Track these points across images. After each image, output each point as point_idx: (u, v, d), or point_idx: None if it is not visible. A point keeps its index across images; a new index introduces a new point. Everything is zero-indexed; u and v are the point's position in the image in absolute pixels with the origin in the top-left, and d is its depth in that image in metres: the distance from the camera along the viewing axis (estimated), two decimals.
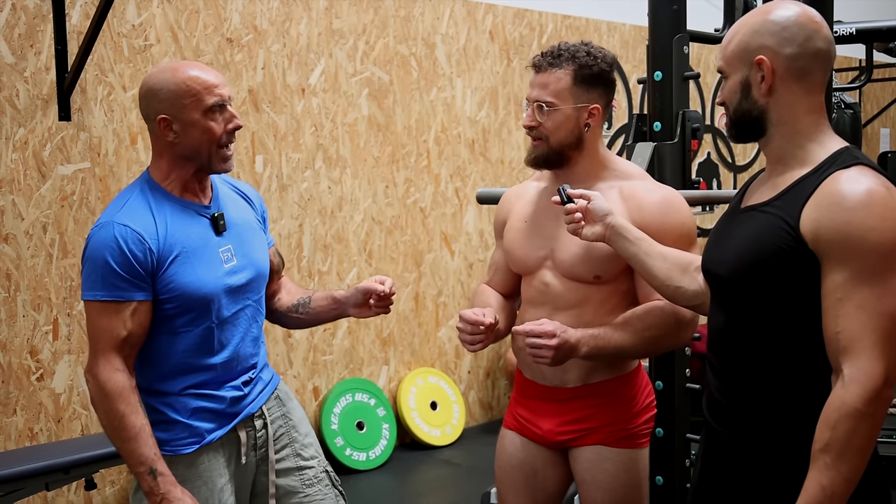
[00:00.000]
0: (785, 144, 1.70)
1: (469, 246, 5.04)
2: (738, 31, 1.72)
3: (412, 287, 4.81)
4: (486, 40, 5.05)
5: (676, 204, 2.15)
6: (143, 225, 2.01)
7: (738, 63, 1.70)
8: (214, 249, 2.10)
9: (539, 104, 2.14)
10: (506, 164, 5.15)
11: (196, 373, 2.09)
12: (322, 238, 4.42)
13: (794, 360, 1.65)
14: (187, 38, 3.88)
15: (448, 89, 4.89)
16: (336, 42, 4.41)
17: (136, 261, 1.99)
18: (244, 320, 2.17)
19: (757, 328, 1.69)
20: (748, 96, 1.70)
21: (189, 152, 2.06)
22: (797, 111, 1.68)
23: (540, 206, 2.26)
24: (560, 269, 2.20)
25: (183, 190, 2.11)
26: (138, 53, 3.75)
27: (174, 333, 2.06)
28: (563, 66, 2.14)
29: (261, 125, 4.16)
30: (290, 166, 4.28)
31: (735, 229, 1.76)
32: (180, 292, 2.03)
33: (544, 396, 2.25)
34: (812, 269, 1.59)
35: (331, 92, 4.40)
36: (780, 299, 1.65)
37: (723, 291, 1.77)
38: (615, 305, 2.18)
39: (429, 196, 4.85)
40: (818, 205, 1.58)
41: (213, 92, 2.04)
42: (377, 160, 4.61)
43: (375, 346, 4.68)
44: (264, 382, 2.24)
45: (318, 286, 4.38)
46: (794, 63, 1.66)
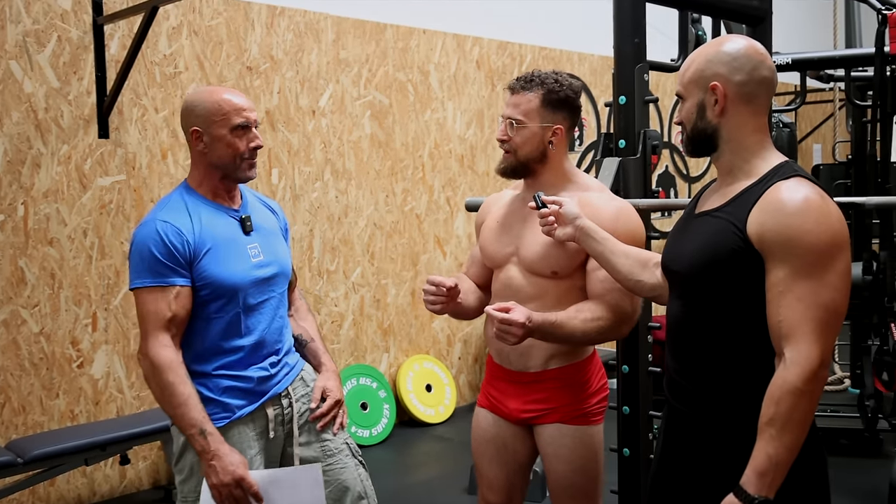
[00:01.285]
0: (734, 158, 1.71)
1: (459, 247, 5.05)
2: (694, 60, 1.72)
3: (409, 284, 4.81)
4: (474, 68, 5.06)
5: (628, 214, 2.15)
6: (181, 221, 2.04)
7: (695, 88, 1.71)
8: (243, 246, 2.12)
9: (510, 121, 2.15)
10: (491, 176, 5.15)
11: (227, 354, 2.09)
12: (330, 241, 4.42)
13: (742, 345, 1.66)
14: (212, 67, 3.87)
15: (440, 111, 4.89)
16: (342, 70, 4.41)
17: (176, 250, 2.01)
18: (269, 309, 2.17)
19: (711, 317, 1.69)
20: (703, 117, 1.71)
21: (216, 161, 2.08)
22: (744, 130, 1.69)
23: (511, 210, 2.27)
24: (523, 265, 2.19)
25: (214, 195, 2.13)
26: (169, 80, 3.74)
27: (208, 319, 2.07)
28: (534, 89, 2.14)
29: (276, 142, 4.15)
30: (302, 178, 4.27)
31: (691, 232, 1.76)
32: (212, 280, 2.04)
33: (510, 379, 2.25)
34: (757, 267, 1.60)
35: (338, 113, 4.40)
36: (730, 292, 1.65)
37: (681, 285, 1.77)
38: (572, 300, 2.17)
39: (424, 204, 4.85)
40: (762, 210, 1.59)
41: (241, 114, 2.07)
42: (378, 173, 4.60)
43: (377, 335, 4.68)
44: (290, 366, 2.23)
45: (326, 283, 4.38)
46: (742, 88, 1.67)
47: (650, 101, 2.84)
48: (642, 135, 2.79)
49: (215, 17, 3.89)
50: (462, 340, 5.11)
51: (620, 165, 2.77)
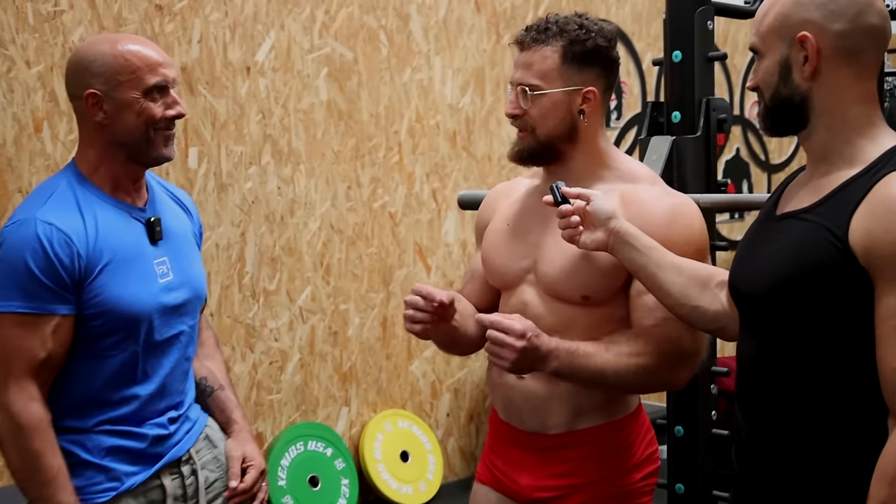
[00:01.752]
0: (830, 139, 1.72)
1: (449, 260, 5.05)
2: (776, 2, 1.74)
3: (379, 310, 4.81)
4: (472, 11, 5.06)
5: (687, 215, 2.16)
6: (70, 224, 2.03)
7: (777, 40, 1.72)
8: (149, 261, 2.13)
9: (523, 88, 2.16)
10: (494, 160, 5.16)
11: (115, 406, 2.10)
12: (269, 249, 4.41)
13: (840, 397, 1.66)
14: (107, 4, 3.87)
15: (425, 70, 4.90)
16: (289, 11, 4.41)
17: (62, 266, 2.00)
18: (177, 348, 2.19)
19: (795, 358, 1.70)
20: (788, 80, 1.72)
21: (122, 137, 2.09)
22: (845, 99, 1.71)
23: (526, 208, 2.28)
24: (543, 286, 2.20)
25: (114, 187, 2.14)
26: (46, 21, 3.74)
27: (97, 357, 2.07)
28: (551, 41, 2.15)
29: (196, 111, 4.15)
30: (232, 162, 4.27)
31: (769, 241, 1.77)
32: (108, 307, 2.05)
33: (521, 443, 2.26)
34: (863, 289, 1.61)
35: (282, 71, 4.40)
36: (823, 325, 1.66)
37: (754, 315, 1.79)
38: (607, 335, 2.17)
39: (400, 199, 4.85)
40: (871, 212, 1.60)
41: (157, 71, 2.09)
42: (338, 155, 4.61)
43: (333, 382, 4.67)
44: (191, 422, 2.26)
45: (263, 308, 4.37)
46: (842, 42, 1.68)
47: (716, 58, 2.87)
48: (705, 105, 2.83)
49: None
50: (452, 390, 5.11)
51: (674, 146, 2.79)
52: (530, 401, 2.21)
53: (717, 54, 2.87)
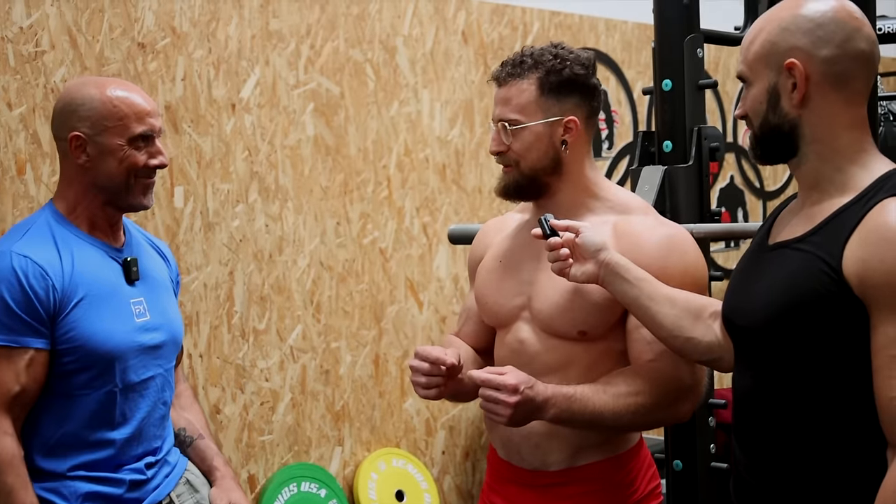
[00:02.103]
0: (821, 166, 1.71)
1: (441, 295, 5.03)
2: (762, 29, 1.74)
3: (371, 348, 4.78)
4: (459, 43, 5.08)
5: (682, 246, 2.15)
6: (46, 258, 2.06)
7: (764, 67, 1.72)
8: (125, 300, 2.15)
9: (503, 123, 2.16)
10: (484, 193, 5.16)
11: (90, 449, 2.10)
12: (258, 288, 4.39)
13: (838, 429, 1.65)
14: (89, 44, 3.87)
15: (412, 103, 4.90)
16: (274, 46, 4.41)
17: (37, 299, 2.02)
18: (153, 391, 2.20)
19: (792, 390, 1.68)
20: (777, 108, 1.72)
21: (102, 181, 2.13)
22: (835, 126, 1.69)
23: (518, 243, 2.27)
24: (539, 322, 2.19)
25: (91, 227, 2.16)
26: (27, 62, 3.73)
27: (69, 396, 2.08)
28: (527, 74, 2.15)
29: (181, 149, 4.14)
30: (218, 200, 4.26)
31: (763, 271, 1.76)
32: (82, 343, 2.06)
33: (522, 481, 2.24)
34: (859, 320, 1.59)
35: (268, 108, 4.39)
36: (819, 355, 1.64)
37: (749, 347, 1.78)
38: (606, 370, 2.16)
39: (390, 234, 4.84)
40: (864, 241, 1.59)
41: (144, 120, 2.14)
42: (326, 191, 4.60)
43: (326, 422, 4.64)
44: (170, 466, 2.27)
45: (253, 348, 4.35)
46: (831, 68, 1.68)
47: (706, 85, 2.87)
48: (696, 133, 2.83)
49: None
50: (447, 427, 5.08)
51: (666, 176, 2.79)
52: (530, 438, 2.20)
53: (708, 82, 2.88)
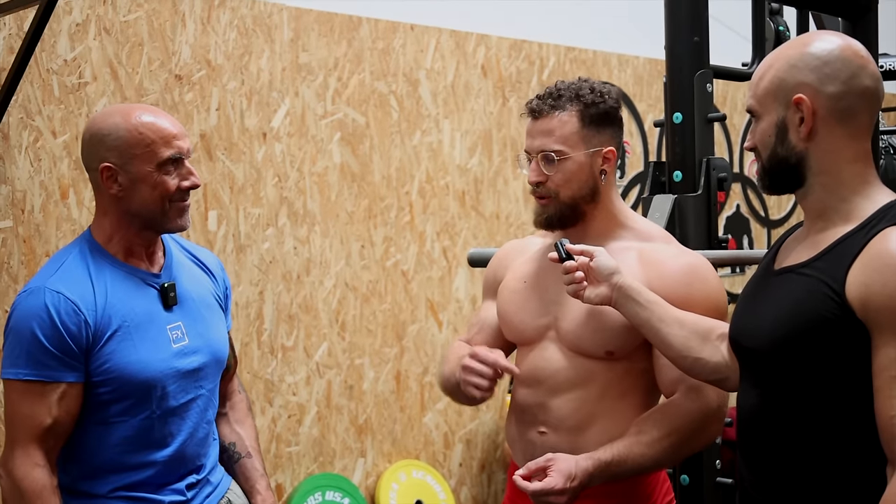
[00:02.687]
0: (826, 197, 1.72)
1: (459, 315, 5.04)
2: (771, 65, 1.74)
3: (392, 364, 4.79)
4: (478, 76, 5.10)
5: (704, 273, 2.16)
6: (79, 292, 2.00)
7: (773, 102, 1.73)
8: (162, 326, 2.09)
9: (546, 154, 2.15)
10: (502, 219, 5.17)
11: (130, 471, 2.06)
12: (286, 307, 4.41)
13: (840, 448, 1.65)
14: (129, 76, 3.91)
15: (434, 133, 4.93)
16: (303, 79, 4.45)
17: (69, 335, 1.97)
18: (194, 412, 2.15)
19: (796, 410, 1.69)
20: (784, 141, 1.73)
21: (137, 209, 2.06)
22: (840, 159, 1.71)
23: (543, 266, 2.27)
24: (565, 342, 2.20)
25: (128, 254, 2.10)
26: (71, 93, 3.77)
27: (106, 423, 2.04)
28: (567, 107, 2.15)
29: (215, 175, 4.17)
30: (249, 224, 4.29)
31: (769, 295, 1.77)
32: (117, 374, 2.01)
33: None
34: (861, 342, 1.60)
35: (297, 136, 4.43)
36: (822, 377, 1.65)
37: (755, 368, 1.78)
38: (627, 388, 2.18)
39: (412, 257, 4.86)
40: (866, 266, 1.60)
41: (171, 143, 2.05)
42: (351, 216, 4.62)
43: (349, 434, 4.65)
44: (212, 486, 2.22)
45: (281, 363, 4.37)
46: (837, 103, 1.69)
47: (715, 119, 2.87)
48: (705, 164, 2.83)
49: (134, 9, 3.93)
50: (464, 441, 5.08)
51: (676, 205, 2.79)
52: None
53: (717, 115, 2.87)
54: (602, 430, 2.18)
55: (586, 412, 2.17)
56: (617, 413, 2.18)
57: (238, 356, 4.16)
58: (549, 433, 2.20)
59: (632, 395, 2.19)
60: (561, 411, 2.19)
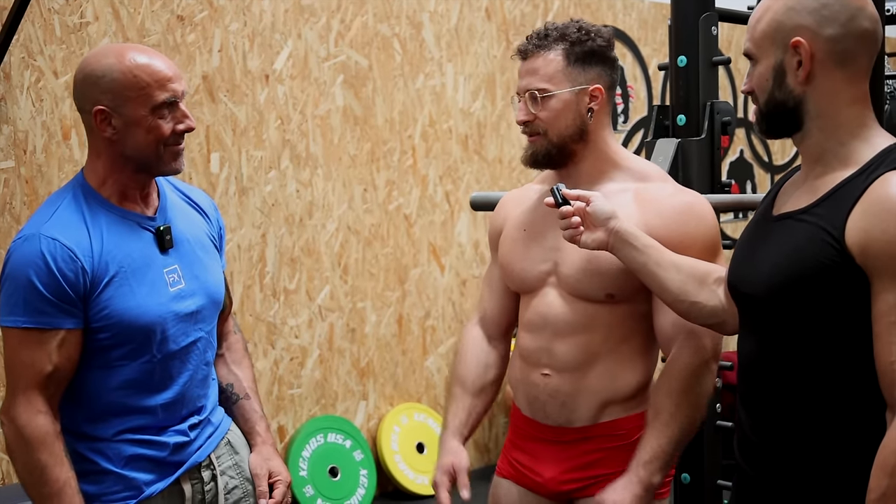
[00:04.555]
0: (824, 141, 1.72)
1: (462, 260, 5.06)
2: (769, 8, 1.73)
3: (395, 308, 4.82)
4: (482, 19, 5.07)
5: (701, 211, 2.17)
6: (75, 239, 1.99)
7: (770, 45, 1.72)
8: (159, 270, 2.08)
9: (531, 93, 2.17)
10: (504, 163, 5.17)
11: (133, 415, 2.07)
12: (289, 250, 4.43)
13: (840, 393, 1.66)
14: (130, 16, 3.89)
15: (437, 76, 4.91)
16: (306, 21, 4.42)
17: (66, 282, 1.96)
18: (195, 355, 2.15)
19: (795, 356, 1.70)
20: (782, 84, 1.72)
21: (130, 152, 2.04)
22: (838, 102, 1.70)
23: (541, 213, 2.27)
24: (566, 287, 2.21)
25: (122, 198, 2.08)
26: (72, 33, 3.76)
27: (108, 368, 2.04)
28: (553, 46, 2.16)
29: (217, 118, 4.17)
30: (252, 166, 4.29)
31: (767, 241, 1.77)
32: (117, 320, 2.01)
33: (546, 438, 2.26)
34: (861, 288, 1.60)
35: (299, 79, 4.42)
36: (822, 322, 1.66)
37: (754, 313, 1.79)
38: (629, 331, 2.20)
39: (414, 201, 4.86)
40: (866, 212, 1.60)
41: (166, 87, 2.02)
42: (354, 159, 4.62)
43: (351, 377, 4.68)
44: (213, 426, 2.22)
45: (284, 306, 4.39)
46: (835, 46, 1.68)
47: (720, 62, 2.86)
48: (709, 108, 2.82)
49: None
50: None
51: (679, 148, 2.79)
52: (556, 397, 2.22)
53: (721, 59, 2.86)
54: (604, 371, 2.20)
55: (590, 354, 2.19)
56: (619, 355, 2.21)
57: (240, 299, 4.21)
58: (552, 375, 2.22)
59: (634, 338, 2.21)
60: (565, 355, 2.21)
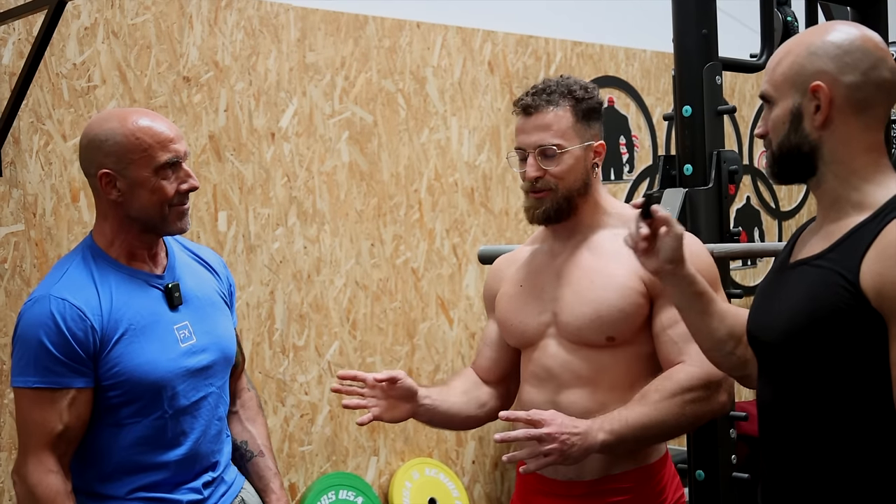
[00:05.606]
0: (839, 186, 1.73)
1: (470, 312, 5.06)
2: (790, 51, 1.74)
3: (404, 362, 4.81)
4: (485, 72, 5.12)
5: (697, 249, 2.19)
6: (84, 298, 2.02)
7: (790, 88, 1.73)
8: (169, 326, 2.11)
9: (545, 149, 2.19)
10: (511, 215, 5.18)
11: (146, 472, 2.08)
12: (297, 307, 4.43)
13: (859, 441, 1.66)
14: (137, 78, 3.93)
15: (442, 130, 4.94)
16: (310, 78, 4.46)
17: (76, 341, 1.99)
18: (206, 410, 2.17)
19: (813, 403, 1.70)
20: (798, 128, 1.73)
21: (136, 213, 2.07)
22: (854, 149, 1.71)
23: (536, 268, 2.30)
24: (566, 335, 2.22)
25: (130, 257, 2.11)
26: (80, 97, 3.79)
27: (119, 425, 2.06)
28: (560, 102, 2.21)
29: (224, 176, 4.19)
30: (259, 223, 4.31)
31: (784, 288, 1.77)
32: (127, 377, 2.03)
33: (554, 493, 2.25)
34: (877, 332, 1.60)
35: (305, 136, 4.44)
36: (839, 368, 1.66)
37: (773, 361, 1.79)
38: (635, 377, 2.20)
39: (422, 255, 4.87)
40: (880, 255, 1.60)
41: (168, 147, 2.06)
42: (360, 214, 4.64)
43: (362, 433, 4.66)
44: (227, 484, 2.23)
45: (293, 363, 4.39)
46: (854, 93, 1.69)
47: (725, 111, 2.89)
48: (715, 157, 2.84)
49: (141, 12, 3.96)
50: (477, 438, 5.09)
51: (686, 198, 2.80)
52: None
53: (726, 108, 2.89)
54: None
55: (598, 404, 2.18)
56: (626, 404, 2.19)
57: (250, 356, 4.20)
58: None
59: (641, 383, 2.20)
60: (572, 405, 2.20)
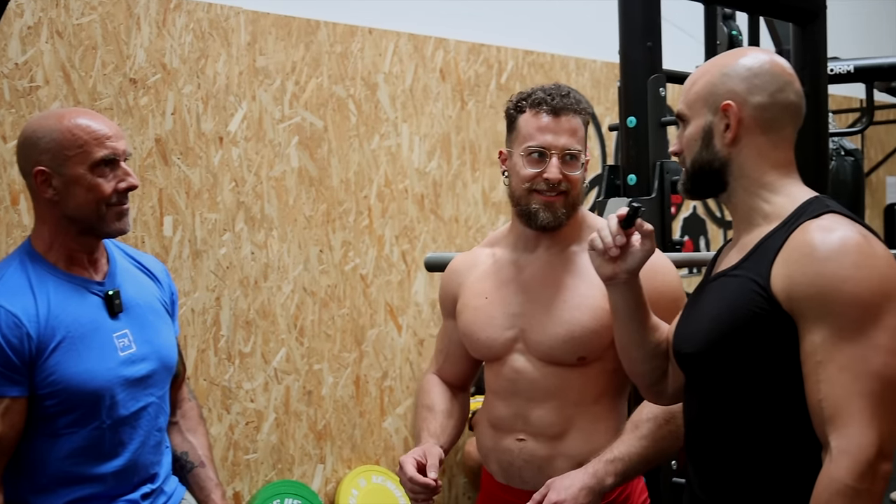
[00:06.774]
0: (749, 199, 1.80)
1: (419, 319, 5.07)
2: (706, 72, 1.82)
3: (352, 369, 4.81)
4: (437, 80, 5.14)
5: (664, 268, 2.21)
6: (20, 305, 1.98)
7: (702, 107, 1.81)
8: (108, 334, 2.08)
9: (571, 153, 2.18)
10: (461, 222, 5.20)
11: (82, 484, 2.05)
12: (244, 313, 4.41)
13: (779, 442, 1.70)
14: (82, 79, 3.89)
15: (392, 136, 4.95)
16: (260, 83, 4.45)
17: (11, 348, 1.96)
18: (146, 421, 2.13)
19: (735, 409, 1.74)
20: (710, 145, 1.81)
21: (72, 212, 2.04)
22: (762, 165, 1.78)
23: (501, 279, 2.29)
24: (535, 353, 2.22)
25: (69, 262, 2.08)
26: (22, 97, 3.75)
27: (55, 436, 2.02)
28: (579, 110, 2.21)
29: (170, 180, 4.16)
30: (206, 229, 4.29)
31: (704, 301, 1.83)
32: (64, 386, 1.99)
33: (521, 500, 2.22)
34: (789, 333, 1.66)
35: (254, 141, 4.43)
36: (758, 372, 1.71)
37: (696, 372, 1.83)
38: (601, 390, 2.21)
39: (371, 261, 4.88)
40: (788, 259, 1.66)
41: (104, 144, 2.03)
42: (309, 220, 4.64)
43: (308, 440, 4.66)
44: (167, 495, 2.21)
45: (239, 370, 4.38)
46: (762, 113, 1.77)
47: (668, 122, 2.90)
48: (659, 168, 2.89)
49: (87, 12, 3.92)
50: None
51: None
52: (533, 461, 2.23)
53: (669, 119, 2.91)
54: (579, 433, 2.22)
55: (564, 418, 2.20)
56: (592, 416, 2.22)
57: (194, 363, 4.18)
58: (527, 440, 2.23)
59: (606, 398, 2.23)
60: (541, 419, 2.22)
